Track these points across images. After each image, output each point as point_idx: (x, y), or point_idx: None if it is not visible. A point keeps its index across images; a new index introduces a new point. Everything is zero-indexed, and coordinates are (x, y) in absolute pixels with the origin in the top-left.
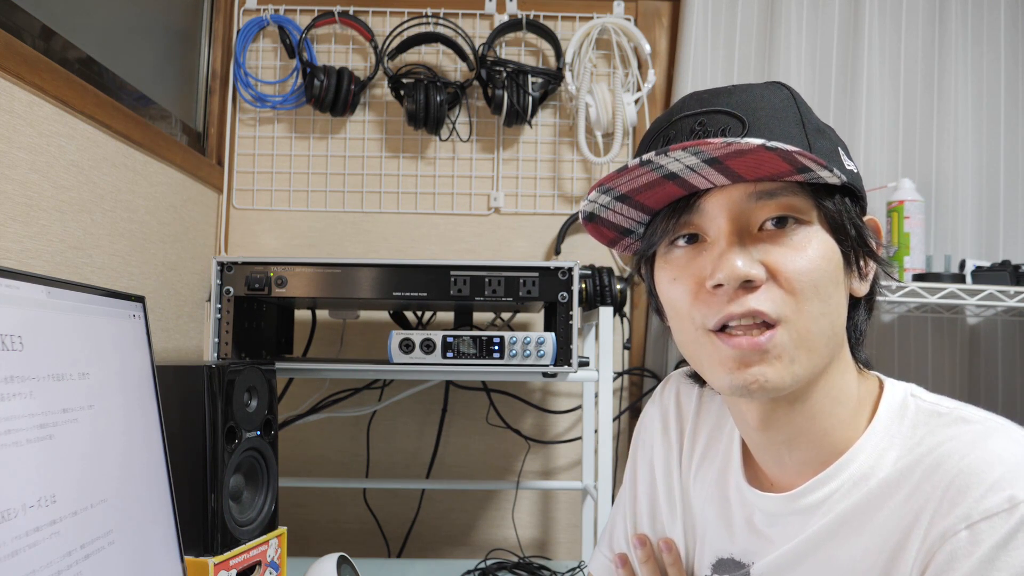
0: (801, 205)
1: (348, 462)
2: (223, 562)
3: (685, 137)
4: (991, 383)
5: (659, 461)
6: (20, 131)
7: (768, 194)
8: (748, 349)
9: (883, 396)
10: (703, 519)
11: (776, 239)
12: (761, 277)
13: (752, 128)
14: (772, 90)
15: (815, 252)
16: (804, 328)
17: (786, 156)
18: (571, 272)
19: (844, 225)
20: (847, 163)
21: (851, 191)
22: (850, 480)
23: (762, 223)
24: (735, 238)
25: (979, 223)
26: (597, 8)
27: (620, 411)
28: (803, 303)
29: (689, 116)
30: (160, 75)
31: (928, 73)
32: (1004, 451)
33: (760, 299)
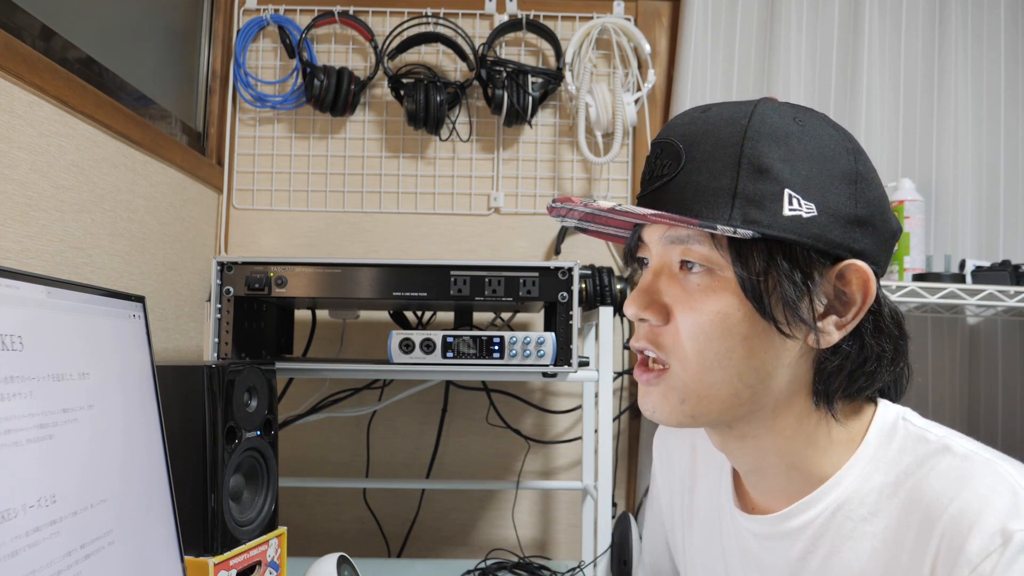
0: (709, 256)
1: (348, 462)
2: (223, 562)
3: (650, 163)
4: (991, 383)
5: (666, 506)
6: (20, 131)
7: (678, 240)
8: (642, 381)
9: (874, 419)
10: (703, 561)
11: (687, 286)
12: (656, 321)
13: (684, 167)
14: (735, 116)
15: (710, 309)
16: (691, 378)
17: (644, 217)
18: (571, 272)
19: (752, 283)
20: (790, 207)
21: (793, 242)
22: (833, 504)
23: (681, 263)
24: (651, 277)
25: (979, 223)
26: (597, 8)
27: (620, 411)
28: (692, 354)
29: (657, 142)
30: (160, 75)
31: (928, 73)
32: (990, 491)
33: (656, 336)
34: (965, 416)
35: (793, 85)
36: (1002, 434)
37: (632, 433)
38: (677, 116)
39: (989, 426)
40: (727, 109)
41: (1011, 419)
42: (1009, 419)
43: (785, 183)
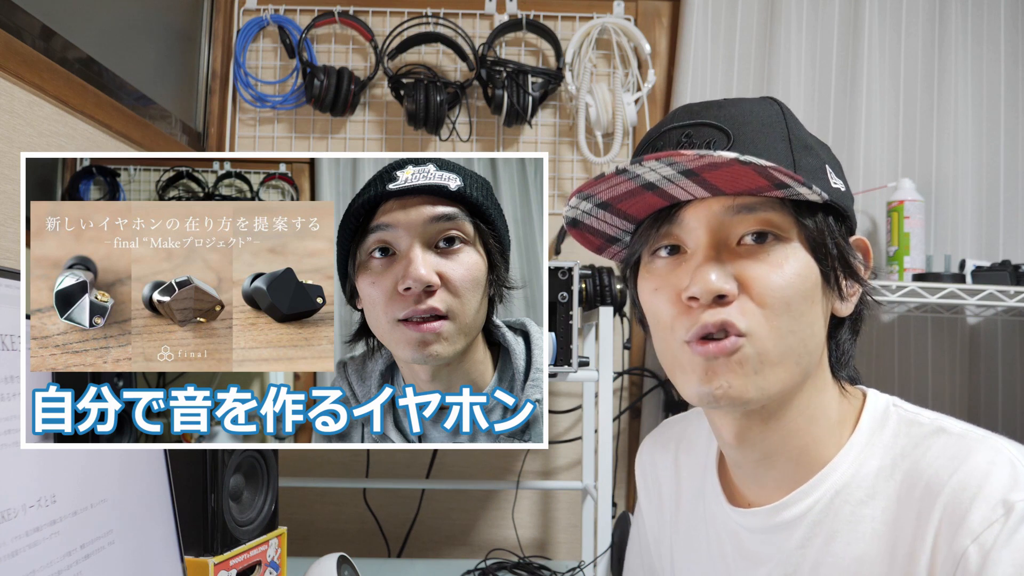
0: (780, 221)
1: (348, 462)
2: (223, 562)
3: (672, 147)
4: (991, 383)
5: (652, 529)
6: (20, 131)
7: (747, 208)
8: (714, 354)
9: (865, 407)
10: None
11: (753, 254)
12: (733, 292)
13: (737, 141)
14: (762, 105)
15: (790, 269)
16: (771, 343)
17: (761, 171)
18: (571, 272)
19: (824, 244)
20: (833, 181)
21: (836, 210)
22: (831, 490)
23: (740, 237)
24: (712, 252)
25: (979, 223)
26: (597, 8)
27: (620, 411)
28: (773, 319)
29: (677, 128)
30: (160, 75)
31: (928, 73)
32: (989, 462)
33: (732, 312)
34: (965, 416)
35: (793, 85)
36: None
37: (632, 433)
38: (679, 109)
39: (989, 426)
40: (745, 101)
41: (1011, 419)
42: (1009, 419)
43: (824, 160)
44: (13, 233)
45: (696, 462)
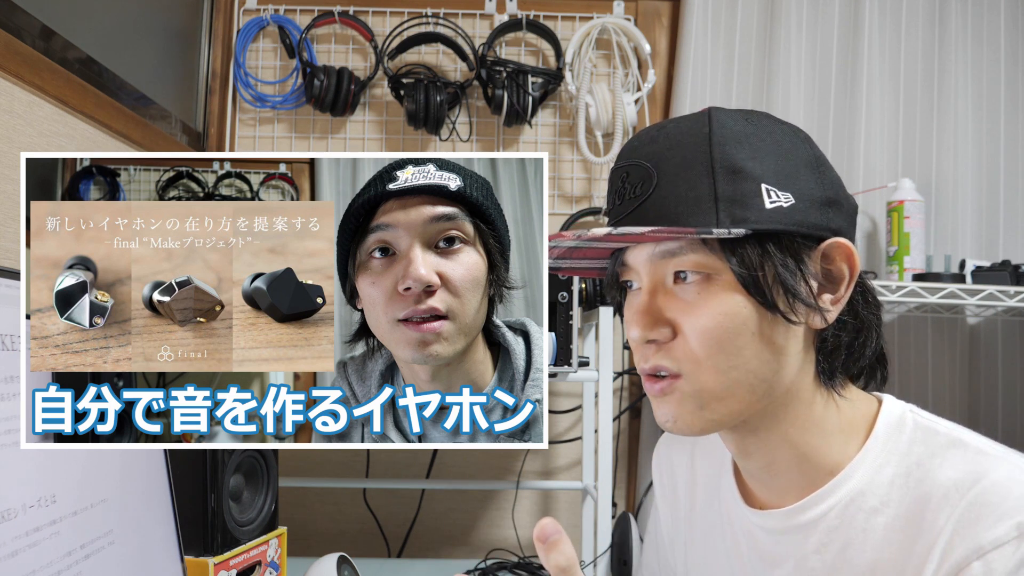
0: (704, 260)
1: (348, 462)
2: (223, 562)
3: (614, 191)
4: (991, 383)
5: (666, 526)
6: (20, 131)
7: (669, 253)
8: (654, 394)
9: (880, 413)
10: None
11: (681, 296)
12: (664, 337)
13: (659, 183)
14: (693, 129)
15: (717, 311)
16: (709, 382)
17: (642, 235)
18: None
19: (752, 276)
20: (771, 200)
21: (778, 232)
22: (847, 497)
23: (674, 276)
24: (647, 296)
25: (979, 223)
26: (597, 8)
27: (620, 411)
28: (707, 359)
29: (620, 168)
30: (160, 75)
31: (928, 73)
32: (1009, 480)
33: (662, 356)
34: (965, 416)
35: (793, 85)
36: (1002, 434)
37: (632, 433)
38: (630, 140)
39: (989, 426)
40: (681, 123)
41: (1011, 419)
42: (1009, 419)
43: (759, 178)
44: (13, 233)
45: (712, 463)
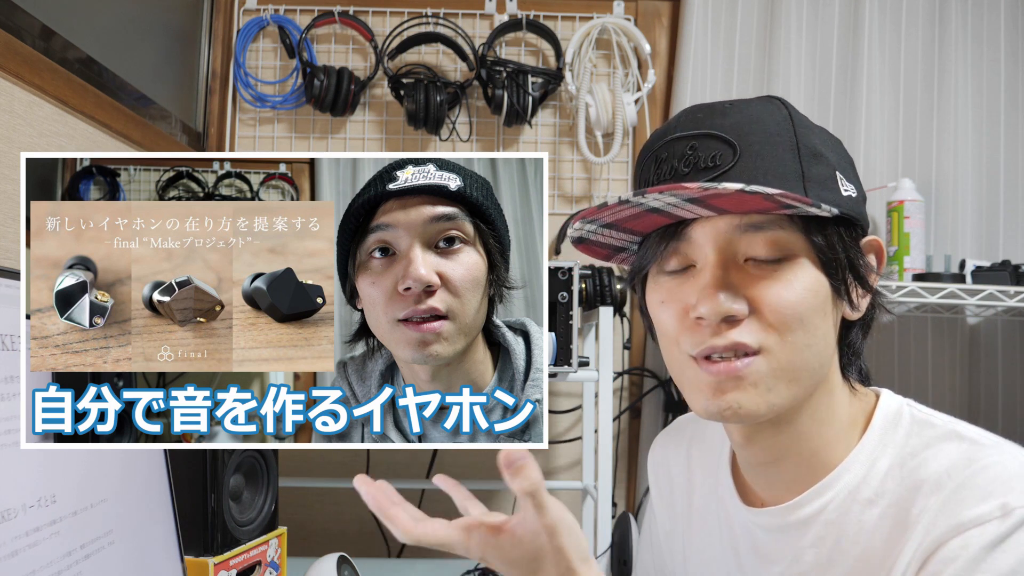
0: (789, 239)
1: (348, 462)
2: (223, 562)
3: (676, 160)
4: (991, 383)
5: (663, 525)
6: (20, 131)
7: (755, 227)
8: (724, 376)
9: (878, 406)
10: (708, 561)
11: (762, 273)
12: (743, 312)
13: (743, 156)
14: (769, 110)
15: (801, 286)
16: (787, 360)
17: (768, 198)
18: (571, 272)
19: (834, 258)
20: (844, 188)
21: (847, 219)
22: (844, 491)
23: (748, 255)
24: (720, 270)
25: (979, 223)
26: (597, 8)
27: (620, 411)
28: (787, 336)
29: (682, 138)
30: (160, 75)
31: (928, 73)
32: (998, 464)
33: (742, 332)
34: (965, 416)
35: (793, 85)
36: (1002, 434)
37: (632, 433)
38: (686, 113)
39: (989, 426)
40: (751, 104)
41: (1011, 419)
42: (1009, 419)
43: (835, 166)
44: (13, 233)
45: (709, 459)
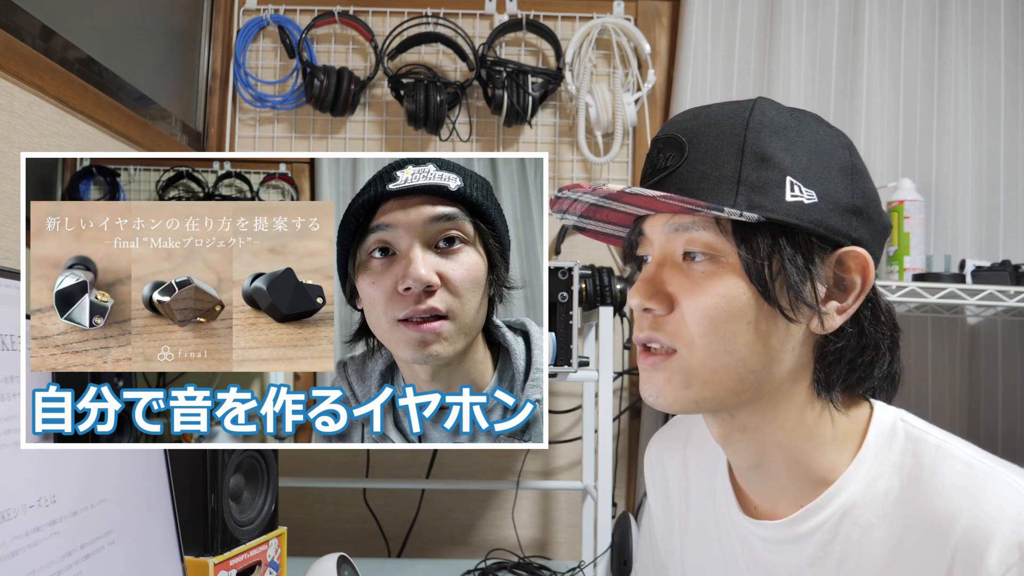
0: (713, 241)
1: (348, 462)
2: (223, 562)
3: (648, 162)
4: (991, 383)
5: (660, 526)
6: (20, 131)
7: (682, 228)
8: (645, 366)
9: (872, 422)
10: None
11: (685, 273)
12: (660, 310)
13: (688, 158)
14: (735, 111)
15: (715, 291)
16: (698, 361)
17: (660, 199)
18: (571, 272)
19: (757, 266)
20: (792, 194)
21: (793, 227)
22: (840, 510)
23: (679, 255)
24: (654, 267)
25: (979, 223)
26: (597, 8)
27: (620, 411)
28: (700, 338)
29: (657, 139)
30: (160, 75)
31: (928, 73)
32: (1004, 501)
33: (658, 329)
34: (965, 416)
35: (793, 85)
36: (1002, 434)
37: (632, 433)
38: (676, 115)
39: (989, 426)
40: (727, 106)
41: (1011, 419)
42: (1009, 419)
43: (787, 171)
44: (13, 233)
45: (706, 460)
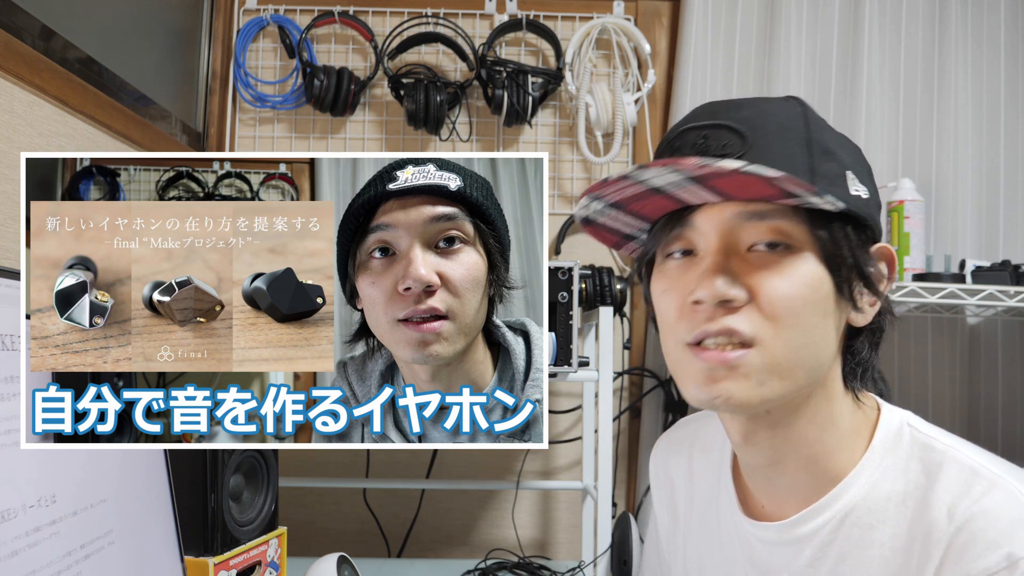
0: (792, 230)
1: (348, 462)
2: (223, 562)
3: (688, 148)
4: (991, 383)
5: (664, 527)
6: (20, 131)
7: (758, 216)
8: (716, 363)
9: (879, 424)
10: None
11: (763, 262)
12: (741, 298)
13: (753, 146)
14: (784, 106)
15: (800, 280)
16: (780, 354)
17: (769, 181)
18: (571, 272)
19: (838, 255)
20: (854, 188)
21: (855, 218)
22: (842, 511)
23: (751, 244)
24: (721, 257)
25: (979, 223)
26: (597, 8)
27: (620, 411)
28: (781, 329)
29: (695, 128)
30: (160, 75)
31: (928, 73)
32: (1001, 508)
33: (737, 319)
34: (965, 416)
35: (793, 85)
36: (1002, 435)
37: (632, 433)
38: (707, 105)
39: (989, 427)
40: (769, 101)
41: (1011, 419)
42: (1009, 419)
43: (846, 166)
44: (13, 233)
45: (711, 463)
